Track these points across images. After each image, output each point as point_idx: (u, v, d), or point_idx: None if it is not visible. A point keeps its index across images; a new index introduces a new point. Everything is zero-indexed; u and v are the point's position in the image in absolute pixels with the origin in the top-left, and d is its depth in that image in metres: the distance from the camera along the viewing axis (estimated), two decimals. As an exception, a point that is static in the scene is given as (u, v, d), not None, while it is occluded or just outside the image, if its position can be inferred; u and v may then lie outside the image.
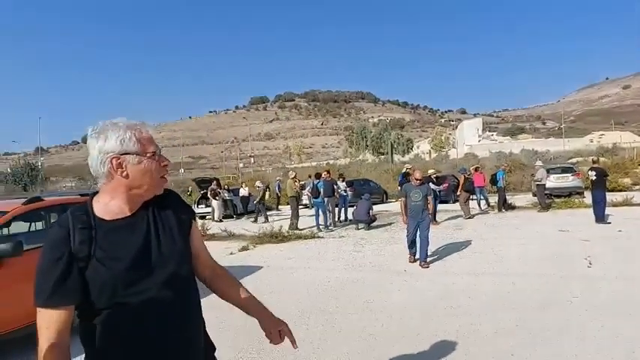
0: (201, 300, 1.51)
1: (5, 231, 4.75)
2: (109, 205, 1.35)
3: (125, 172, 1.32)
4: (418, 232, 7.30)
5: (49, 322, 1.24)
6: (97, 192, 1.40)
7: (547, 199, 14.69)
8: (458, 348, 3.83)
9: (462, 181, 14.52)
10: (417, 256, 7.35)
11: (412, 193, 7.37)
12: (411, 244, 7.47)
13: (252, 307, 1.62)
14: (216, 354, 1.61)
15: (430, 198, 7.49)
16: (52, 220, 5.17)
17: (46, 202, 4.87)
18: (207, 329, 1.57)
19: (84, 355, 1.35)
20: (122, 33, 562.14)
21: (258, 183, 18.09)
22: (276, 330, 1.59)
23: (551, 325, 4.27)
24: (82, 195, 5.68)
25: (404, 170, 14.17)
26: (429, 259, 7.32)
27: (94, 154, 1.32)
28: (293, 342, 1.62)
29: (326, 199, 12.78)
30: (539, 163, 16.15)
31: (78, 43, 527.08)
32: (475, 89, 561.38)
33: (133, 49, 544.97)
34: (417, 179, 7.49)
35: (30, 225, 5.26)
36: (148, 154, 1.33)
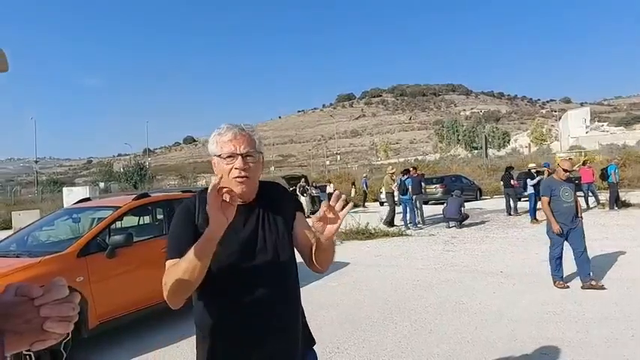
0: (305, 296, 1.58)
1: (118, 224, 5.29)
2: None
3: (216, 171, 1.51)
4: (571, 247, 5.64)
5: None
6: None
7: (671, 196, 13.00)
8: (561, 358, 3.52)
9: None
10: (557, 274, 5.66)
11: (561, 191, 5.58)
12: (558, 264, 5.68)
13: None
14: (315, 347, 1.66)
15: (579, 199, 5.77)
16: (157, 215, 5.67)
17: (152, 197, 5.40)
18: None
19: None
20: (212, 39, 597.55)
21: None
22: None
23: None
24: (183, 192, 6.15)
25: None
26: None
27: None
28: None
29: (414, 197, 12.48)
30: (660, 155, 14.31)
31: (172, 51, 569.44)
32: (581, 76, 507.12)
33: (223, 54, 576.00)
34: (565, 170, 5.64)
35: (139, 219, 5.80)
36: (223, 156, 1.47)
